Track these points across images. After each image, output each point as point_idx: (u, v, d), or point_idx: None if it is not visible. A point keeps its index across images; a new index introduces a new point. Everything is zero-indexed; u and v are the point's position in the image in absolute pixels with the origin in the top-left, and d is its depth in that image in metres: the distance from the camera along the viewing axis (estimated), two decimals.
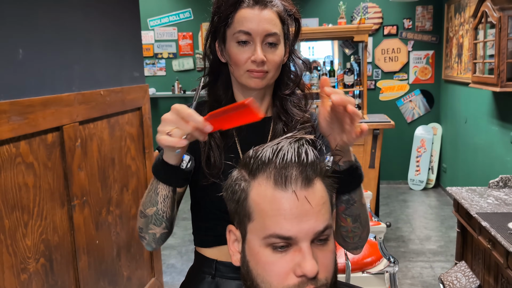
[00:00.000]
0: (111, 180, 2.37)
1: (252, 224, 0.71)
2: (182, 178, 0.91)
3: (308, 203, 0.68)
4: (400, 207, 4.83)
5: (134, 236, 2.64)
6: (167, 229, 0.97)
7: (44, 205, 1.82)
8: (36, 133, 1.77)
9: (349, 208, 0.94)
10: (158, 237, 0.97)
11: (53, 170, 1.88)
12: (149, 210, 0.93)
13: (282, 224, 0.67)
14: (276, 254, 0.68)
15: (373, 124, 3.53)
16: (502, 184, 2.63)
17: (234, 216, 0.76)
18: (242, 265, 0.74)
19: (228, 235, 0.78)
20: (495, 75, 3.05)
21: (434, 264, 3.43)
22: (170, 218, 0.95)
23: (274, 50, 1.03)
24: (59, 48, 1.95)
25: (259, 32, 1.00)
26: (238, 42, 1.02)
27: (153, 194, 0.92)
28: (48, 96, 1.84)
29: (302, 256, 0.67)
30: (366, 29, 3.96)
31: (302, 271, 0.66)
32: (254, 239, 0.71)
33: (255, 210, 0.71)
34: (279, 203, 0.68)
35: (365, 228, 0.99)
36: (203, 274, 1.10)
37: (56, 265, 1.89)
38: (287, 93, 1.12)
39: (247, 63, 1.02)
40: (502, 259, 1.97)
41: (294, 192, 0.68)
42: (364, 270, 2.19)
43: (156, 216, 0.93)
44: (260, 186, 0.70)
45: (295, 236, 0.67)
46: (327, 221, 0.70)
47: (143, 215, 0.95)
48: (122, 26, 2.55)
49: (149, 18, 5.82)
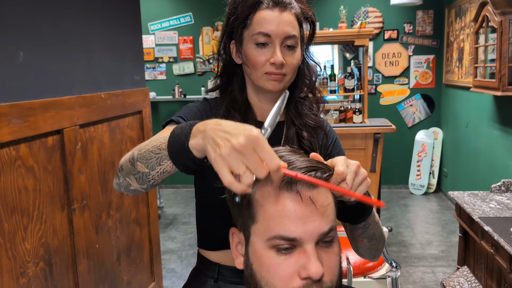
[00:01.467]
0: (111, 183, 2.35)
1: (255, 226, 0.70)
2: (198, 170, 0.79)
3: (313, 204, 0.67)
4: (401, 212, 4.81)
5: (134, 240, 2.63)
6: (145, 190, 0.89)
7: (44, 208, 1.80)
8: (36, 136, 1.76)
9: (365, 232, 0.92)
10: (131, 189, 0.89)
11: (53, 173, 1.87)
12: (141, 167, 0.85)
13: (286, 225, 0.66)
14: (281, 256, 0.67)
15: (374, 128, 3.52)
16: (504, 189, 2.62)
17: (238, 218, 0.74)
18: (246, 268, 0.73)
19: (231, 237, 0.77)
20: (497, 79, 3.04)
21: (435, 269, 3.41)
22: (156, 185, 0.87)
23: (292, 53, 1.02)
24: (60, 51, 1.94)
25: (279, 34, 0.99)
26: (257, 44, 1.00)
27: (154, 159, 0.82)
28: (49, 99, 1.84)
29: (307, 258, 0.66)
30: (366, 33, 3.96)
31: (307, 273, 0.65)
32: (258, 241, 0.69)
33: (258, 212, 0.69)
34: (284, 204, 0.67)
35: (380, 241, 0.98)
36: (206, 277, 1.09)
37: (55, 269, 1.88)
38: (302, 96, 1.11)
39: (266, 66, 1.01)
40: (505, 264, 1.96)
41: (298, 192, 0.67)
42: (366, 275, 2.18)
43: (144, 177, 0.85)
44: (264, 187, 0.69)
45: (299, 238, 0.66)
46: (332, 222, 0.69)
47: (132, 162, 0.86)
48: (123, 30, 2.55)
49: (149, 22, 5.83)
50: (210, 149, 0.66)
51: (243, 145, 0.62)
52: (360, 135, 3.57)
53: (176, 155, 0.76)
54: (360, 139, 3.56)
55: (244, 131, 0.64)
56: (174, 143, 0.75)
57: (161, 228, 4.48)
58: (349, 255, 2.11)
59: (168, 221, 4.70)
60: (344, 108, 4.10)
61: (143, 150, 0.84)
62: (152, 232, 2.86)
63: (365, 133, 3.55)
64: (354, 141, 3.57)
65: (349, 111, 4.04)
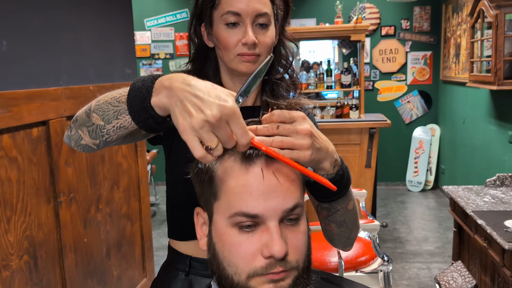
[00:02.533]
0: (100, 177, 2.32)
1: (218, 203, 0.67)
2: (158, 129, 0.74)
3: (276, 179, 0.64)
4: (398, 208, 4.78)
5: (125, 235, 2.60)
6: (97, 147, 0.83)
7: (28, 200, 1.77)
8: (20, 126, 1.73)
9: (332, 215, 0.86)
10: (81, 143, 0.82)
11: (38, 165, 1.84)
12: (96, 119, 0.77)
13: (248, 201, 0.63)
14: (243, 235, 0.64)
15: (369, 123, 3.49)
16: (499, 183, 2.59)
17: (201, 197, 0.71)
18: (209, 249, 0.69)
19: (196, 218, 0.74)
20: (492, 73, 3.01)
21: (431, 265, 3.38)
22: (110, 143, 0.81)
23: (265, 31, 0.97)
24: (45, 41, 1.91)
25: (249, 12, 0.94)
26: (227, 24, 0.96)
27: (112, 112, 0.75)
28: (34, 89, 1.80)
29: (269, 235, 0.63)
30: (362, 28, 3.93)
31: (269, 252, 0.62)
32: (220, 219, 0.66)
33: (220, 188, 0.66)
34: (245, 179, 0.64)
35: (352, 230, 0.91)
36: (177, 270, 1.05)
37: (40, 263, 1.85)
38: (278, 78, 1.06)
39: (238, 47, 0.96)
40: (498, 258, 1.93)
41: (261, 167, 0.63)
42: (358, 269, 2.15)
43: (98, 130, 0.78)
44: (226, 162, 0.66)
45: (262, 214, 0.63)
46: (297, 199, 0.66)
47: (88, 114, 0.79)
48: (114, 21, 2.52)
49: (145, 19, 5.80)
50: (179, 115, 0.61)
51: (218, 118, 0.59)
52: (355, 130, 3.54)
53: (136, 111, 0.70)
54: (355, 134, 3.53)
55: (219, 100, 0.60)
56: (135, 98, 0.70)
57: (156, 224, 4.45)
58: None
59: (163, 218, 4.67)
60: (340, 104, 4.07)
61: (101, 101, 0.77)
62: (144, 228, 2.83)
63: (360, 128, 3.52)
64: (349, 136, 3.54)
65: (346, 107, 4.01)
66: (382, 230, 4.05)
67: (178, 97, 0.62)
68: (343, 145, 3.55)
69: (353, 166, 3.52)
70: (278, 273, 0.63)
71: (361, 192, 2.61)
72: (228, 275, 0.65)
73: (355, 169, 3.52)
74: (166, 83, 0.66)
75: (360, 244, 2.26)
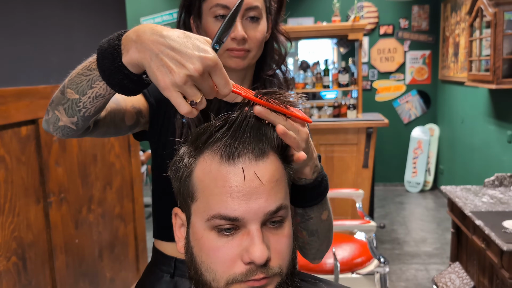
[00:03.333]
0: (92, 177, 2.29)
1: (195, 205, 0.63)
2: (136, 89, 0.68)
3: (258, 180, 0.59)
4: (396, 209, 4.74)
5: (118, 236, 2.56)
6: (76, 126, 0.76)
7: (16, 201, 1.74)
8: (8, 125, 1.69)
9: (305, 222, 0.84)
10: (59, 125, 0.77)
11: (28, 164, 1.80)
12: (71, 94, 0.72)
13: (227, 203, 0.59)
14: (222, 239, 0.60)
15: (366, 123, 3.46)
16: (498, 183, 2.55)
17: (178, 196, 0.67)
18: (186, 252, 0.65)
19: (174, 219, 0.69)
20: (491, 72, 2.97)
21: (429, 266, 3.34)
22: (88, 118, 0.75)
23: (256, 25, 0.93)
24: (35, 38, 1.87)
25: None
26: (216, 17, 0.92)
27: (85, 82, 0.70)
28: (22, 87, 1.77)
29: (250, 240, 0.58)
30: (360, 27, 3.89)
31: (249, 257, 0.58)
32: (198, 221, 0.62)
33: (198, 188, 0.62)
34: (225, 179, 0.59)
35: (324, 242, 0.89)
36: (161, 272, 1.02)
37: (30, 264, 1.81)
38: (270, 74, 1.02)
39: (227, 41, 0.92)
40: (496, 259, 1.89)
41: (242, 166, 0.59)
42: (354, 271, 2.11)
43: (74, 105, 0.73)
44: (205, 161, 0.62)
45: (242, 217, 0.59)
46: (280, 201, 0.61)
47: (62, 91, 0.74)
48: (106, 19, 2.48)
49: (142, 18, 5.76)
50: (157, 71, 0.58)
51: (201, 72, 0.57)
52: (352, 129, 3.50)
53: (109, 74, 0.65)
54: (352, 133, 3.49)
55: (198, 51, 0.57)
56: (105, 60, 0.65)
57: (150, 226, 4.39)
58: (335, 250, 2.04)
59: None
60: (338, 104, 4.03)
61: (73, 75, 0.73)
62: (138, 229, 2.79)
63: (357, 127, 3.48)
64: (346, 136, 3.51)
65: (343, 107, 3.97)
66: (380, 231, 4.02)
67: (152, 51, 0.59)
68: (340, 145, 3.51)
69: (350, 166, 3.48)
70: (259, 280, 0.59)
71: (357, 192, 2.58)
72: (206, 281, 0.61)
73: (352, 169, 3.48)
74: (134, 36, 0.62)
75: (356, 245, 2.22)
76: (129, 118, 0.91)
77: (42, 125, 0.82)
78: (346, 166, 3.49)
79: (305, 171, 0.75)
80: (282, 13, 1.02)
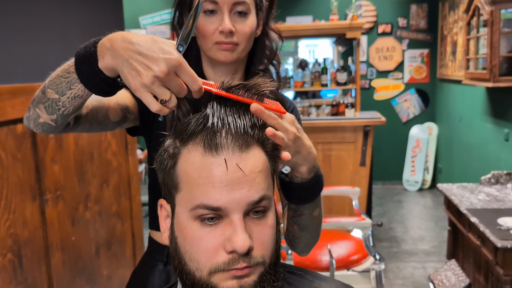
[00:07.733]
0: (89, 175, 2.29)
1: (179, 195, 0.64)
2: (111, 91, 0.74)
3: (241, 170, 0.60)
4: (394, 208, 4.75)
5: (115, 234, 2.57)
6: (55, 123, 0.82)
7: (12, 198, 1.74)
8: (4, 122, 1.70)
9: (297, 218, 0.88)
10: (39, 122, 0.82)
11: (23, 162, 1.81)
12: (51, 93, 0.78)
13: (210, 193, 0.60)
14: (205, 228, 0.61)
15: (363, 121, 3.46)
16: (494, 181, 2.56)
17: (163, 187, 0.68)
18: (171, 243, 0.66)
19: (160, 210, 0.71)
20: (488, 70, 2.98)
21: (426, 264, 3.35)
22: (67, 116, 0.81)
23: (244, 20, 0.96)
24: (31, 36, 1.88)
25: (226, 0, 0.93)
26: (205, 11, 0.95)
27: (64, 83, 0.76)
28: (18, 84, 1.77)
29: (233, 229, 0.60)
30: (358, 26, 3.89)
31: (232, 246, 0.59)
32: (182, 211, 0.63)
33: (182, 179, 0.63)
34: (208, 169, 0.60)
35: (313, 237, 0.93)
36: (155, 261, 1.05)
37: (25, 261, 1.82)
38: (261, 69, 1.04)
39: (215, 35, 0.95)
40: (491, 256, 1.90)
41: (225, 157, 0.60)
42: (350, 268, 2.12)
43: (54, 104, 0.78)
44: (190, 152, 0.63)
45: (225, 207, 0.60)
46: (263, 191, 0.62)
47: (43, 90, 0.80)
48: (103, 17, 2.48)
49: (141, 17, 5.76)
50: (128, 75, 0.64)
51: (166, 72, 0.62)
52: (349, 128, 3.51)
53: (86, 78, 0.72)
54: (350, 132, 3.50)
55: (163, 53, 0.63)
56: (82, 65, 0.72)
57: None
58: (331, 247, 2.05)
59: None
60: (336, 102, 4.03)
61: (53, 76, 0.79)
62: (135, 227, 2.79)
63: (355, 126, 3.49)
64: (343, 134, 3.51)
65: (341, 106, 3.97)
66: (378, 229, 4.02)
67: (123, 57, 0.64)
68: (337, 143, 3.51)
69: (348, 165, 3.49)
70: (241, 269, 0.60)
71: (353, 190, 2.58)
72: (190, 271, 0.62)
73: (349, 168, 3.49)
74: (108, 44, 0.68)
75: (352, 243, 2.23)
76: (114, 114, 0.95)
77: (23, 121, 0.88)
78: (343, 164, 3.50)
79: (302, 171, 0.79)
80: (273, 11, 1.04)
